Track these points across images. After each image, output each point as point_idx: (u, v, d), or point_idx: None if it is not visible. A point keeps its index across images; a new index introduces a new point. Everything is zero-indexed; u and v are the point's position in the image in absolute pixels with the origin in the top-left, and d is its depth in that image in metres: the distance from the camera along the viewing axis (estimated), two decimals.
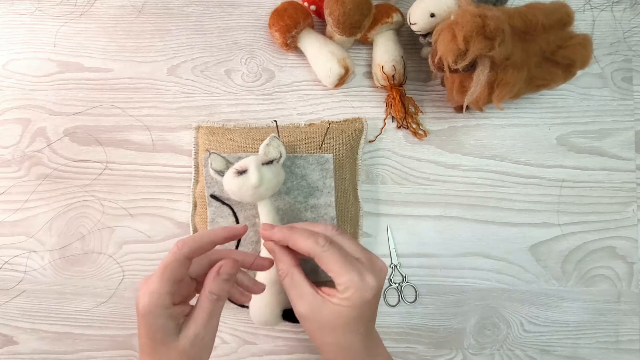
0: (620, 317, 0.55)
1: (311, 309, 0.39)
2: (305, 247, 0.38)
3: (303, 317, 0.40)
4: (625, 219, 0.56)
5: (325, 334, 0.39)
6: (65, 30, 0.59)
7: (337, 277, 0.38)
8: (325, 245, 0.38)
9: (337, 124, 0.55)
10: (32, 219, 0.56)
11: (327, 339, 0.40)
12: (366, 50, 0.59)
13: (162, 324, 0.35)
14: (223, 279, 0.37)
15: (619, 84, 0.58)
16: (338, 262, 0.38)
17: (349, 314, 0.38)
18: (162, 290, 0.35)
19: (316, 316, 0.39)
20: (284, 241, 0.40)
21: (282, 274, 0.40)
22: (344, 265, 0.38)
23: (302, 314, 0.40)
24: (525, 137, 0.57)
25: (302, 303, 0.39)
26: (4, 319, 0.55)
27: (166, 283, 0.35)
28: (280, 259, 0.40)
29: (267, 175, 0.46)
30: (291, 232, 0.39)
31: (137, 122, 0.57)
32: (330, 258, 0.38)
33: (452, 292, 0.55)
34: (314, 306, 0.39)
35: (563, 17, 0.48)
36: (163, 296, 0.35)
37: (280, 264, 0.40)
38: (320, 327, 0.39)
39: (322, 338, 0.40)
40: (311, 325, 0.40)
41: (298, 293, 0.39)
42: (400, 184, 0.57)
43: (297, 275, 0.40)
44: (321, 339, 0.40)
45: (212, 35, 0.59)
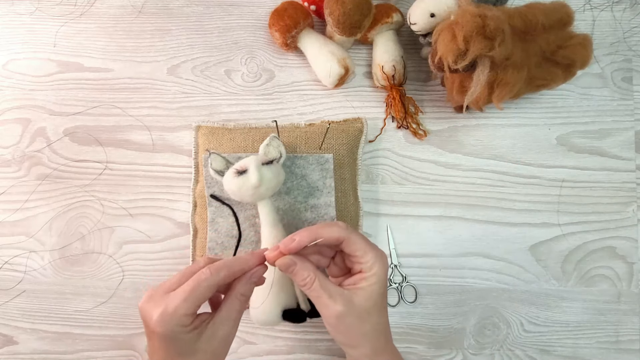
0: (620, 317, 0.55)
1: (345, 304, 0.39)
2: (333, 234, 0.40)
3: (340, 315, 0.39)
4: (625, 219, 0.56)
5: (362, 323, 0.40)
6: (65, 30, 0.59)
7: (364, 254, 0.40)
8: (348, 228, 0.40)
9: (337, 124, 0.55)
10: (32, 219, 0.56)
11: (364, 327, 0.40)
12: (366, 50, 0.59)
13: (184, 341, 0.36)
14: (253, 281, 0.39)
15: (619, 84, 0.58)
16: (363, 242, 0.40)
17: (378, 291, 0.40)
18: (187, 312, 0.35)
19: (351, 309, 0.39)
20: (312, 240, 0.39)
21: (310, 280, 0.39)
22: (367, 244, 0.40)
23: (339, 312, 0.39)
24: (525, 137, 0.57)
25: (337, 301, 0.39)
26: (4, 319, 0.55)
27: (192, 305, 0.35)
28: (303, 267, 0.40)
29: (267, 175, 0.46)
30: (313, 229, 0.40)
31: (137, 122, 0.57)
32: (356, 239, 0.40)
33: (452, 292, 0.55)
34: (346, 300, 0.39)
35: (563, 17, 0.48)
36: (187, 317, 0.35)
37: (305, 272, 0.39)
38: (358, 317, 0.40)
39: (360, 328, 0.40)
40: (349, 321, 0.40)
41: (329, 294, 0.39)
42: (400, 184, 0.57)
43: (322, 277, 0.40)
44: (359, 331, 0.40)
45: (212, 35, 0.59)
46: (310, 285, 0.39)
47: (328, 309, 0.39)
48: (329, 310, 0.39)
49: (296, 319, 0.47)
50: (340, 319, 0.39)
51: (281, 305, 0.47)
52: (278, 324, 0.48)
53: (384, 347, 0.42)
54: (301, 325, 0.54)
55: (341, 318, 0.39)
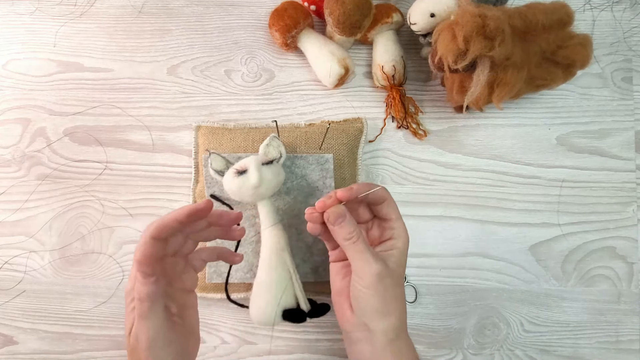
0: (620, 317, 0.55)
1: (384, 265, 0.40)
2: (378, 192, 0.42)
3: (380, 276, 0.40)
4: (625, 219, 0.56)
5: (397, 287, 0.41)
6: (65, 30, 0.59)
7: (397, 220, 0.43)
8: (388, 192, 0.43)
9: (337, 124, 0.55)
10: (32, 219, 0.56)
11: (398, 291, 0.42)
12: (366, 50, 0.59)
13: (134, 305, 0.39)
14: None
15: (619, 84, 0.58)
16: (397, 209, 0.44)
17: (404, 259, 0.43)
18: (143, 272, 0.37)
19: (388, 271, 0.40)
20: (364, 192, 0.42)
21: (356, 236, 0.41)
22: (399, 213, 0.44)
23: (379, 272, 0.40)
24: (525, 137, 0.57)
25: (378, 261, 0.40)
26: (4, 319, 0.55)
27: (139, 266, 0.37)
28: (350, 222, 0.41)
29: (267, 175, 0.46)
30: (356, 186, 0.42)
31: (137, 122, 0.57)
32: (394, 204, 0.44)
33: (452, 292, 0.55)
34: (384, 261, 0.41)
35: (563, 17, 0.48)
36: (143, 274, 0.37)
37: (352, 227, 0.41)
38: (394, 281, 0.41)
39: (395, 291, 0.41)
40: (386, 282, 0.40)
41: (371, 252, 0.41)
42: (400, 184, 0.57)
43: (364, 237, 0.41)
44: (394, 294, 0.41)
45: (212, 35, 0.59)
46: (355, 240, 0.41)
47: (371, 267, 0.40)
48: (371, 268, 0.40)
49: (296, 319, 0.47)
50: (380, 278, 0.40)
51: (281, 305, 0.47)
52: (278, 324, 0.48)
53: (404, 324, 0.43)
54: (301, 325, 0.54)
55: (381, 278, 0.40)
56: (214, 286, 0.53)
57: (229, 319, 0.55)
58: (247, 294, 0.52)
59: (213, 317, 0.55)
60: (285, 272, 0.48)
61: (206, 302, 0.55)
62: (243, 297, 0.53)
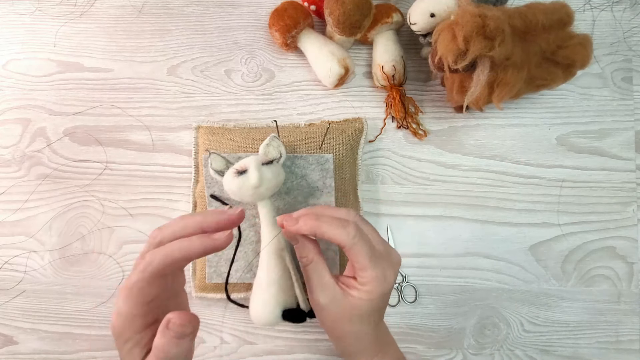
0: (620, 317, 0.55)
1: (331, 300, 0.39)
2: (337, 238, 0.37)
3: (321, 307, 0.39)
4: (625, 219, 0.56)
5: (341, 325, 0.40)
6: (65, 30, 0.59)
7: (362, 270, 0.38)
8: (355, 236, 0.37)
9: (337, 124, 0.55)
10: (32, 219, 0.56)
11: (343, 328, 0.40)
12: (366, 50, 0.59)
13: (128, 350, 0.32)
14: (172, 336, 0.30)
15: (619, 84, 0.58)
16: (366, 256, 0.37)
17: (366, 307, 0.39)
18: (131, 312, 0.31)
19: (334, 307, 0.39)
20: (312, 233, 0.38)
21: (307, 261, 0.39)
22: (370, 259, 0.37)
23: (321, 304, 0.39)
24: (525, 137, 0.57)
25: (323, 293, 0.39)
26: (4, 319, 0.55)
27: (134, 306, 0.31)
28: (305, 246, 0.39)
29: (267, 175, 0.46)
30: (319, 222, 0.37)
31: (137, 122, 0.57)
32: (359, 251, 0.37)
33: (452, 292, 0.55)
34: (333, 297, 0.39)
35: (563, 17, 0.48)
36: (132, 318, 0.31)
37: (305, 250, 0.39)
38: (338, 318, 0.39)
39: (338, 328, 0.40)
40: (328, 316, 0.40)
41: (320, 282, 0.39)
42: (400, 184, 0.57)
43: (321, 264, 0.39)
44: (336, 329, 0.41)
45: (212, 35, 0.59)
46: (305, 266, 0.40)
47: (312, 295, 0.40)
48: (312, 297, 0.40)
49: (296, 319, 0.47)
50: (319, 310, 0.40)
51: (281, 305, 0.47)
52: (278, 324, 0.48)
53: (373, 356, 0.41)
54: (301, 325, 0.54)
55: (320, 310, 0.40)
56: (214, 286, 0.53)
57: (229, 319, 0.55)
58: (247, 294, 0.52)
59: (213, 317, 0.55)
60: (285, 272, 0.48)
61: (206, 302, 0.55)
62: (243, 297, 0.53)
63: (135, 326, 0.31)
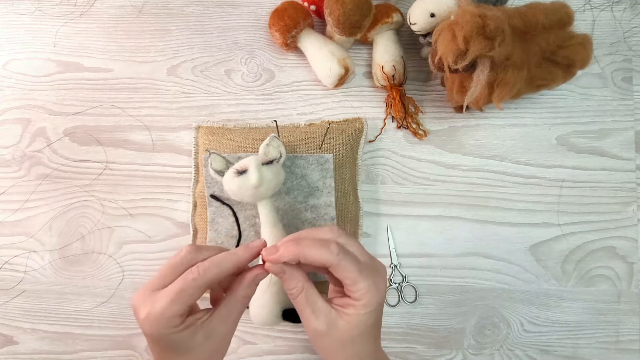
0: (620, 317, 0.55)
1: (328, 325, 0.37)
2: (321, 258, 0.35)
3: (319, 334, 0.37)
4: (625, 219, 0.56)
5: (344, 348, 0.38)
6: (65, 30, 0.59)
7: (354, 284, 0.36)
8: (339, 253, 0.36)
9: (337, 124, 0.55)
10: (32, 219, 0.56)
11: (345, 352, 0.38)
12: (366, 50, 0.59)
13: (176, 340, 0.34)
14: (255, 283, 0.37)
15: (619, 84, 0.58)
16: (354, 270, 0.36)
17: (366, 322, 0.37)
18: (176, 314, 0.33)
19: (333, 331, 0.37)
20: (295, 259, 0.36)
21: (296, 291, 0.37)
22: (359, 272, 0.36)
23: (318, 331, 0.37)
24: (525, 137, 0.57)
25: (319, 319, 0.37)
26: (4, 319, 0.55)
27: (180, 307, 0.33)
28: (292, 276, 0.37)
29: (267, 176, 0.46)
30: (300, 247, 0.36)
31: (137, 122, 0.57)
32: (346, 267, 0.36)
33: (452, 292, 0.55)
34: (330, 321, 0.37)
35: (563, 17, 0.48)
36: (175, 318, 0.34)
37: (293, 281, 0.37)
38: (339, 341, 0.37)
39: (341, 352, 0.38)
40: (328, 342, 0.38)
41: (312, 309, 0.37)
42: (400, 184, 0.57)
43: (311, 290, 0.37)
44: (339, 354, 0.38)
45: (212, 35, 0.59)
46: (295, 297, 0.37)
47: (309, 324, 0.37)
48: (309, 326, 0.37)
49: (296, 319, 0.47)
50: (319, 337, 0.38)
51: (281, 305, 0.47)
52: (278, 324, 0.48)
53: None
54: (301, 325, 0.54)
55: (320, 337, 0.37)
56: None
57: None
58: None
59: None
60: None
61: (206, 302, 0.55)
62: None
63: (176, 323, 0.34)
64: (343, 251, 0.36)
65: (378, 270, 0.39)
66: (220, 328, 0.36)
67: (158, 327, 0.33)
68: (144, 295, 0.34)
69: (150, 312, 0.33)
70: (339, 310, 0.37)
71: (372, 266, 0.38)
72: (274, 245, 0.37)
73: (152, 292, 0.34)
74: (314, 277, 0.52)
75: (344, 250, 0.37)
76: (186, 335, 0.35)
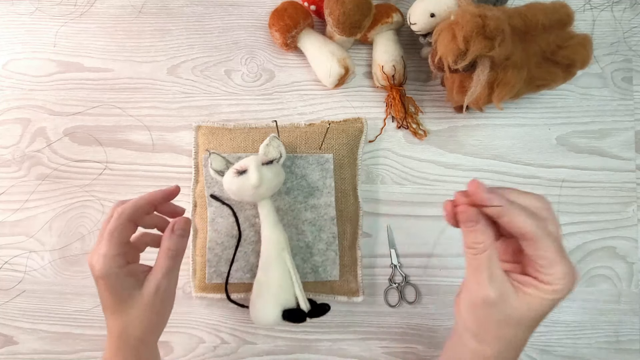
0: (620, 317, 0.55)
1: (501, 295, 0.34)
2: (524, 226, 0.33)
3: (488, 302, 0.34)
4: (625, 219, 0.56)
5: (506, 326, 0.35)
6: (65, 30, 0.59)
7: (550, 266, 0.33)
8: (541, 227, 0.33)
9: (337, 124, 0.55)
10: (32, 219, 0.56)
11: (505, 331, 0.35)
12: (366, 50, 0.59)
13: (121, 282, 0.39)
14: (178, 234, 0.41)
15: (619, 84, 0.58)
16: (553, 250, 0.33)
17: (545, 308, 0.34)
18: (113, 253, 0.39)
19: (503, 305, 0.34)
20: (499, 214, 0.33)
21: (482, 248, 0.34)
22: (558, 253, 0.33)
23: (489, 298, 0.34)
24: (525, 137, 0.57)
25: (493, 286, 0.33)
26: (4, 319, 0.55)
27: (115, 246, 0.39)
28: (484, 230, 0.34)
29: (267, 175, 0.46)
30: (511, 206, 0.33)
31: (137, 122, 0.57)
32: (547, 244, 0.33)
33: (452, 292, 0.55)
34: (503, 293, 0.34)
35: (563, 17, 0.48)
36: (115, 257, 0.39)
37: (482, 236, 0.34)
38: (505, 317, 0.34)
39: (500, 329, 0.35)
40: (492, 314, 0.34)
41: (490, 274, 0.34)
42: (400, 184, 0.57)
43: (495, 255, 0.34)
44: (497, 330, 0.35)
45: (212, 35, 0.59)
46: (477, 253, 0.34)
47: (479, 288, 0.34)
48: (479, 290, 0.34)
49: (296, 319, 0.47)
50: (482, 306, 0.34)
51: (281, 305, 0.47)
52: (278, 324, 0.48)
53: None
54: (301, 325, 0.54)
55: (484, 307, 0.34)
56: (214, 286, 0.53)
57: (229, 319, 0.55)
58: (247, 294, 0.52)
59: (213, 317, 0.55)
60: (285, 272, 0.48)
61: (206, 302, 0.55)
62: (243, 297, 0.53)
63: (119, 263, 0.39)
64: (545, 225, 0.33)
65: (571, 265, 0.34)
66: (154, 282, 0.40)
67: (105, 268, 0.38)
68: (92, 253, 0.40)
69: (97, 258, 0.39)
70: (516, 286, 0.34)
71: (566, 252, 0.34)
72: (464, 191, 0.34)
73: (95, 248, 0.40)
74: (317, 277, 0.52)
75: (547, 223, 0.34)
76: (130, 282, 0.40)
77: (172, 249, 0.41)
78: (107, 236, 0.39)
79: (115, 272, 0.39)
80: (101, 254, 0.38)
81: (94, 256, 0.39)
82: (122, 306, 0.40)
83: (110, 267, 0.38)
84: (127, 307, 0.40)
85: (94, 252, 0.39)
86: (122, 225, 0.39)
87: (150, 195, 0.42)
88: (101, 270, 0.38)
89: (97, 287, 0.40)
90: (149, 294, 0.40)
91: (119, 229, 0.39)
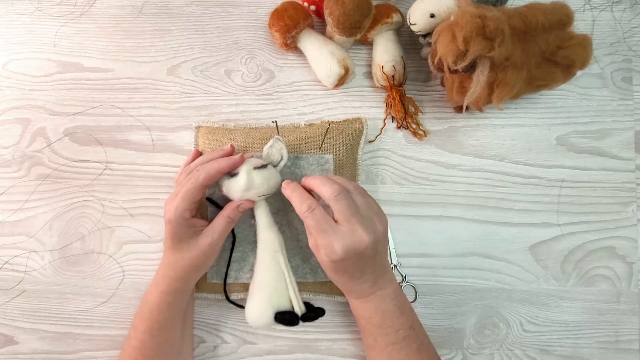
0: (620, 317, 0.55)
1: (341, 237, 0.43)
2: (323, 192, 0.44)
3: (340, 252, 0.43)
4: (625, 219, 0.56)
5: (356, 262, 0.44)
6: (65, 30, 0.59)
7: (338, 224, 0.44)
8: (339, 194, 0.44)
9: (337, 124, 0.55)
10: (32, 219, 0.56)
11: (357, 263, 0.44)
12: (366, 50, 0.59)
13: (183, 230, 0.47)
14: (240, 210, 0.48)
15: (619, 84, 0.58)
16: (342, 213, 0.43)
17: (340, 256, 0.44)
18: (183, 207, 0.46)
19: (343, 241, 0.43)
20: (308, 185, 0.46)
21: (313, 205, 0.44)
22: (345, 217, 0.43)
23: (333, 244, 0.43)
24: (525, 137, 0.57)
25: (335, 236, 0.43)
26: (4, 319, 0.55)
27: (186, 203, 0.46)
28: (304, 196, 0.45)
29: (257, 180, 0.46)
30: (314, 179, 0.46)
31: (137, 122, 0.57)
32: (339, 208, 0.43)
33: (452, 292, 0.55)
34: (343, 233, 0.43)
35: (563, 17, 0.48)
36: (184, 211, 0.46)
37: (308, 200, 0.44)
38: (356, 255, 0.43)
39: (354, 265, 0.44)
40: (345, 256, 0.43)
41: (327, 227, 0.43)
42: (400, 184, 0.57)
43: (321, 210, 0.44)
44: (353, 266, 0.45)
45: (212, 35, 0.59)
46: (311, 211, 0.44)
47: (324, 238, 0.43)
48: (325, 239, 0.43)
49: (288, 322, 0.47)
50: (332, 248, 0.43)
51: (274, 307, 0.47)
52: (270, 326, 0.48)
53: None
54: (301, 326, 0.54)
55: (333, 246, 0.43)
56: (214, 286, 0.53)
57: (229, 319, 0.55)
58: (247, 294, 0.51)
59: (213, 317, 0.55)
60: (279, 275, 0.48)
61: (206, 302, 0.55)
62: (243, 298, 0.53)
63: (185, 216, 0.47)
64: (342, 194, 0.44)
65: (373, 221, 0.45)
66: (206, 237, 0.48)
67: (175, 217, 0.46)
68: (168, 200, 0.48)
69: (169, 208, 0.47)
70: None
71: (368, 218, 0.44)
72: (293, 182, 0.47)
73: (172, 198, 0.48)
74: (317, 277, 0.52)
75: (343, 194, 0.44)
76: (189, 231, 0.48)
77: (231, 217, 0.48)
78: (182, 194, 0.46)
79: (180, 222, 0.46)
80: (174, 205, 0.46)
81: (168, 204, 0.47)
82: (179, 246, 0.48)
83: (178, 218, 0.46)
84: (182, 249, 0.48)
85: (170, 201, 0.47)
86: (196, 189, 0.46)
87: (220, 165, 0.47)
88: (170, 217, 0.46)
89: (165, 228, 0.48)
90: (203, 244, 0.47)
91: (192, 192, 0.46)
